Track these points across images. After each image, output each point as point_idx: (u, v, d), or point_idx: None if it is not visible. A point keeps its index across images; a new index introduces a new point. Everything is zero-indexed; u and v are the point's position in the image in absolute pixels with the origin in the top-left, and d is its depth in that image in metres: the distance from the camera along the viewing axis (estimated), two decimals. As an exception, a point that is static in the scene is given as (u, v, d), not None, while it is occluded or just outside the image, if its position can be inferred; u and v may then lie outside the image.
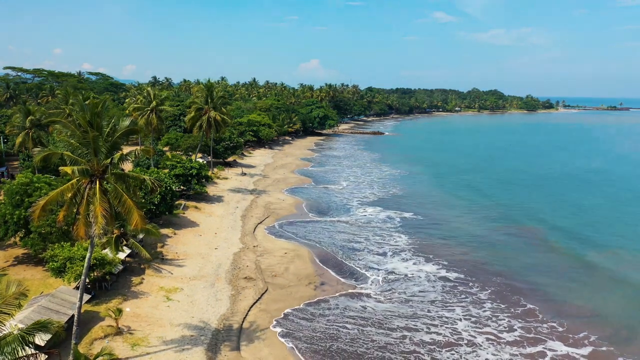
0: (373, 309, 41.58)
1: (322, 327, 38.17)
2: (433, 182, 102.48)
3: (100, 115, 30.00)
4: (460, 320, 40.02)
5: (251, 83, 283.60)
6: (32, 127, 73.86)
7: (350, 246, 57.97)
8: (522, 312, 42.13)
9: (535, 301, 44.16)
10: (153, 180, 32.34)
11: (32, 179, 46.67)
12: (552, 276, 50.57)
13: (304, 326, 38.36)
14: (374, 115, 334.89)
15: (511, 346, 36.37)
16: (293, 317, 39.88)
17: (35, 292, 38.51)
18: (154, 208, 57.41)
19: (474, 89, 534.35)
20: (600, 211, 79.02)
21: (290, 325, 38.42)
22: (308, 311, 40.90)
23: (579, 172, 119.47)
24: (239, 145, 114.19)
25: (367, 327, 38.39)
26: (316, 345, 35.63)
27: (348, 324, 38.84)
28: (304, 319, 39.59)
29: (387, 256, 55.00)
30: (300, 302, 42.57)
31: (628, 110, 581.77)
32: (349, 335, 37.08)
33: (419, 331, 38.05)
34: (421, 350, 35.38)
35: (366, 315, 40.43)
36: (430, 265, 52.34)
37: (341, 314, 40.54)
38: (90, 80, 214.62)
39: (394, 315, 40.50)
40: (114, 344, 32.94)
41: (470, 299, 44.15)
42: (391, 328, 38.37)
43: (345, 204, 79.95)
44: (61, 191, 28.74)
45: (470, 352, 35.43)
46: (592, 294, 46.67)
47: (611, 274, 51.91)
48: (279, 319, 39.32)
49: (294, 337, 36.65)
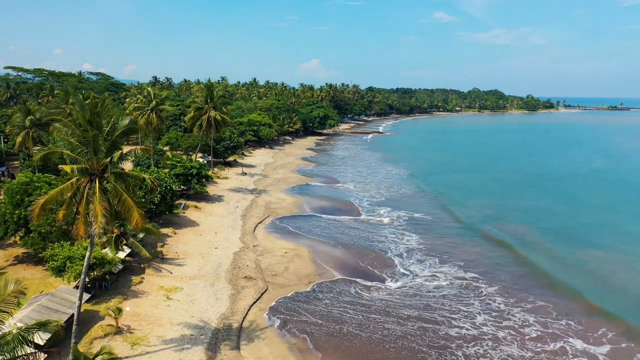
0: (373, 309, 41.52)
1: (322, 326, 38.16)
2: (433, 181, 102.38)
3: (99, 114, 29.96)
4: (480, 314, 40.81)
5: (252, 83, 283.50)
6: (32, 126, 73.91)
7: (350, 246, 57.93)
8: (533, 308, 42.50)
9: (547, 297, 44.77)
10: (153, 179, 32.32)
11: (32, 179, 46.67)
12: (563, 274, 50.93)
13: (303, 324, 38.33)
14: (375, 115, 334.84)
15: (534, 342, 36.77)
16: (293, 316, 39.82)
17: (35, 291, 38.52)
18: (154, 207, 57.37)
19: (475, 88, 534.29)
20: (607, 211, 79.04)
21: (289, 324, 38.38)
22: (308, 311, 40.84)
23: (582, 171, 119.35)
24: (239, 145, 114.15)
25: (365, 328, 38.39)
26: (320, 343, 35.62)
27: (345, 323, 38.85)
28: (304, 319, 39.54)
29: (387, 256, 54.99)
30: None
31: (629, 110, 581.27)
32: (348, 335, 37.07)
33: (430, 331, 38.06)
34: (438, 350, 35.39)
35: (364, 321, 40.39)
36: (435, 264, 52.35)
37: (340, 314, 40.53)
38: (91, 80, 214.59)
39: (399, 309, 40.50)
40: (114, 343, 32.92)
41: (483, 295, 44.40)
42: (386, 327, 38.40)
43: (345, 203, 79.88)
44: (61, 190, 28.69)
45: (495, 346, 36.02)
46: (606, 292, 47.07)
47: (621, 272, 52.23)
48: (278, 318, 39.30)
49: (293, 336, 36.67)
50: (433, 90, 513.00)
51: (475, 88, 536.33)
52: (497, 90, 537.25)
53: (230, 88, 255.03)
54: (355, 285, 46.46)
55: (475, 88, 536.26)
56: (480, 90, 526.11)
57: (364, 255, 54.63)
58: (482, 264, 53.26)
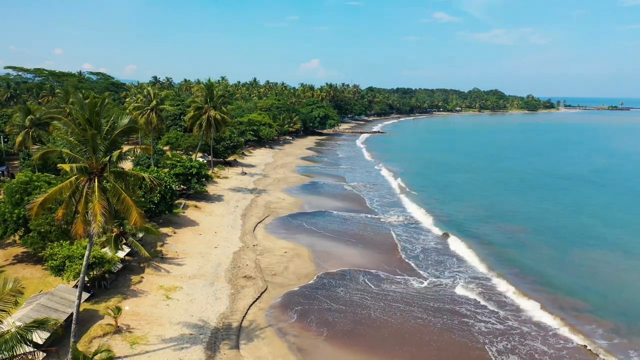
0: (374, 309, 41.52)
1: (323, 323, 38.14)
2: (433, 181, 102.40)
3: (99, 113, 29.91)
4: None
5: (252, 83, 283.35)
6: (32, 126, 73.93)
7: (349, 245, 57.89)
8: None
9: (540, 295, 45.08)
10: (152, 178, 32.28)
11: (31, 178, 46.66)
12: (556, 270, 50.83)
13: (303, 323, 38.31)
14: (375, 115, 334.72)
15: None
16: (293, 315, 39.77)
17: (35, 290, 38.49)
18: (154, 207, 57.32)
19: (475, 88, 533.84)
20: (607, 210, 79.09)
21: (289, 323, 38.34)
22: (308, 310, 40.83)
23: (582, 171, 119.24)
24: (240, 144, 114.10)
25: (361, 328, 38.36)
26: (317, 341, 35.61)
27: (346, 324, 38.83)
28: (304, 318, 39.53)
29: (387, 254, 54.96)
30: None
31: (629, 110, 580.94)
32: (347, 335, 37.05)
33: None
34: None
35: (363, 321, 40.38)
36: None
37: (341, 313, 40.51)
38: (91, 80, 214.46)
39: (399, 309, 40.50)
40: (113, 342, 32.88)
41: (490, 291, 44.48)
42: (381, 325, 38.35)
43: (347, 202, 79.79)
44: (60, 189, 28.65)
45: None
46: (597, 288, 47.24)
47: (614, 267, 52.44)
48: (278, 317, 39.26)
49: (293, 335, 36.65)
50: (433, 90, 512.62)
51: (475, 88, 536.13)
52: (498, 90, 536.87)
53: (231, 88, 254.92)
54: (355, 284, 46.42)
55: (476, 88, 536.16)
56: (480, 90, 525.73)
57: (366, 255, 54.62)
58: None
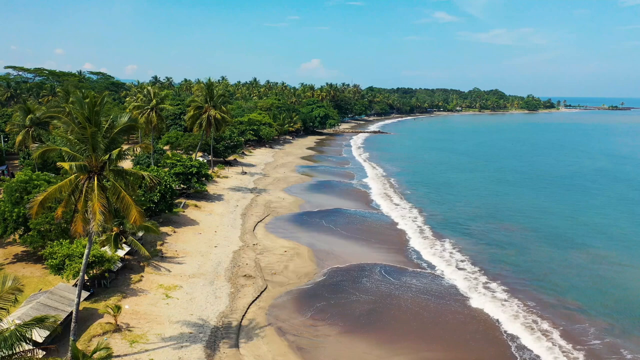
0: (377, 306, 41.50)
1: (322, 325, 38.12)
2: (434, 180, 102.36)
3: (98, 111, 29.90)
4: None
5: (252, 82, 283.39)
6: (32, 125, 73.87)
7: (350, 243, 57.87)
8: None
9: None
10: (152, 176, 32.27)
11: (31, 177, 46.65)
12: (550, 270, 50.69)
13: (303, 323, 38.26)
14: (375, 115, 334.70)
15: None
16: (293, 314, 39.75)
17: (34, 289, 38.49)
18: (154, 206, 57.32)
19: (475, 88, 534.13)
20: (606, 210, 78.97)
21: (289, 322, 38.33)
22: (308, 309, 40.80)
23: (582, 171, 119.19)
24: (240, 144, 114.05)
25: (362, 327, 38.32)
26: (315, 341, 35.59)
27: (346, 322, 38.80)
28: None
29: (391, 251, 54.96)
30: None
31: (629, 110, 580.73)
32: (348, 333, 37.01)
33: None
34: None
35: (365, 319, 40.34)
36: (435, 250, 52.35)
37: (341, 312, 40.49)
38: (92, 80, 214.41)
39: (397, 308, 40.44)
40: (113, 340, 32.85)
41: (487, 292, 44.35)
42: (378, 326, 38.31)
43: (345, 202, 79.78)
44: (59, 187, 28.64)
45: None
46: (588, 289, 46.90)
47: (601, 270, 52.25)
48: (277, 316, 39.24)
49: (293, 334, 36.63)
50: (434, 90, 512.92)
51: (475, 88, 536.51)
52: (498, 90, 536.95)
53: (231, 88, 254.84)
54: (357, 282, 46.40)
55: (476, 88, 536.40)
56: (480, 90, 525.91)
57: (369, 252, 54.59)
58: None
